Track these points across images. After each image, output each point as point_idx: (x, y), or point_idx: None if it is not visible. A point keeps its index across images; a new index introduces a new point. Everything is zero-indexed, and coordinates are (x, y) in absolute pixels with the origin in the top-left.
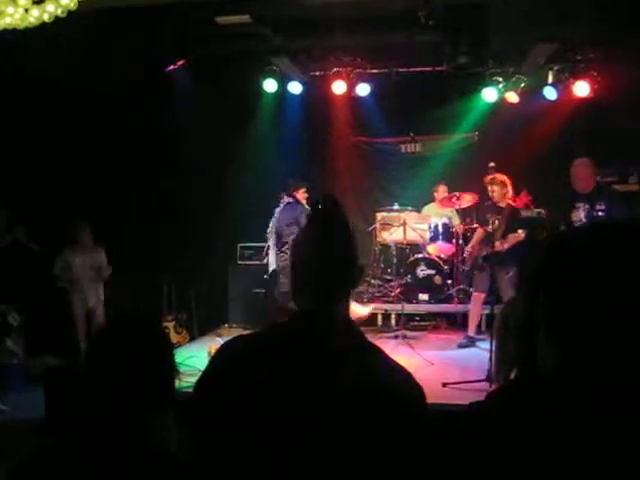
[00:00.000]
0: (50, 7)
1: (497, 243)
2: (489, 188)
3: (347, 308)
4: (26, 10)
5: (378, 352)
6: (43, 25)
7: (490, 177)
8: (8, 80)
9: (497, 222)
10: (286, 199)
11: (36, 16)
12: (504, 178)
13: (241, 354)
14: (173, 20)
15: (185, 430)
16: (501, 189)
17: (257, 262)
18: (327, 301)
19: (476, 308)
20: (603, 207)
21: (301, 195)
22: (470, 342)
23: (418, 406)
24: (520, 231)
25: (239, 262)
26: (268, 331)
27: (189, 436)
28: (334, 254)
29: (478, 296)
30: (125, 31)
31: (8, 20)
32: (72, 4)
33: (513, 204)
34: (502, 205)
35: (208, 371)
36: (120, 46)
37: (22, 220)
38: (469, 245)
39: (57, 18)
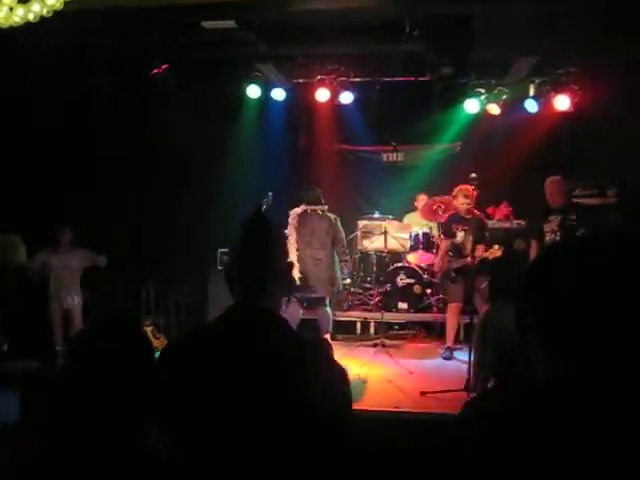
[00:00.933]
0: (36, 7)
1: (469, 259)
2: (457, 201)
3: (274, 300)
4: (11, 9)
5: (296, 339)
6: (29, 25)
7: (457, 189)
8: None
9: (464, 233)
10: (306, 207)
11: (21, 15)
12: (469, 189)
13: (181, 350)
14: (158, 23)
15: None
16: (465, 199)
17: None
18: (250, 296)
19: (453, 318)
20: (574, 217)
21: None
22: (451, 353)
23: (342, 391)
24: (496, 246)
25: (219, 267)
26: (207, 325)
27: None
28: (252, 258)
29: (454, 306)
30: (110, 33)
31: None
32: (58, 4)
33: (478, 214)
34: (467, 216)
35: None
36: (104, 48)
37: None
38: (437, 258)
39: (42, 18)
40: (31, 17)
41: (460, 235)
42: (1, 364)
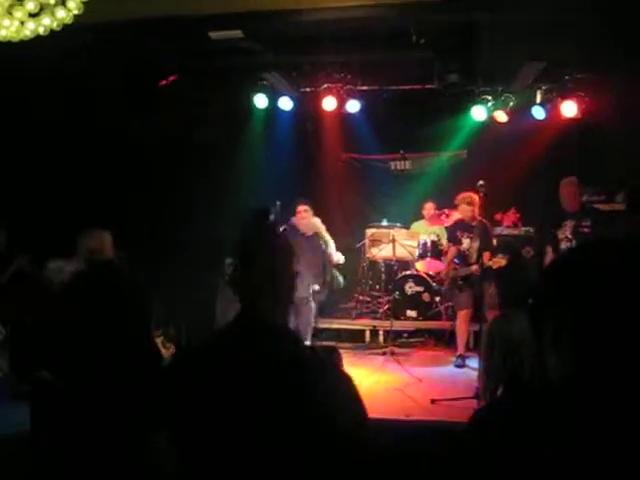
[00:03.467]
0: (46, 20)
1: (474, 267)
2: (460, 209)
3: (280, 308)
4: (22, 23)
5: (301, 346)
6: (39, 38)
7: (460, 197)
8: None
9: (469, 241)
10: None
11: (32, 29)
12: (472, 197)
13: (186, 362)
14: (165, 34)
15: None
16: (468, 207)
17: None
18: (251, 304)
19: (463, 326)
20: (588, 223)
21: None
22: (463, 361)
23: (349, 393)
24: (500, 255)
25: (226, 277)
26: (213, 335)
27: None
28: (253, 267)
29: (464, 314)
30: (117, 45)
31: (3, 32)
32: (68, 17)
33: (483, 220)
34: (472, 223)
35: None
36: (113, 59)
37: (18, 232)
38: (444, 264)
39: (52, 31)
40: (41, 30)
41: (466, 242)
42: (11, 376)
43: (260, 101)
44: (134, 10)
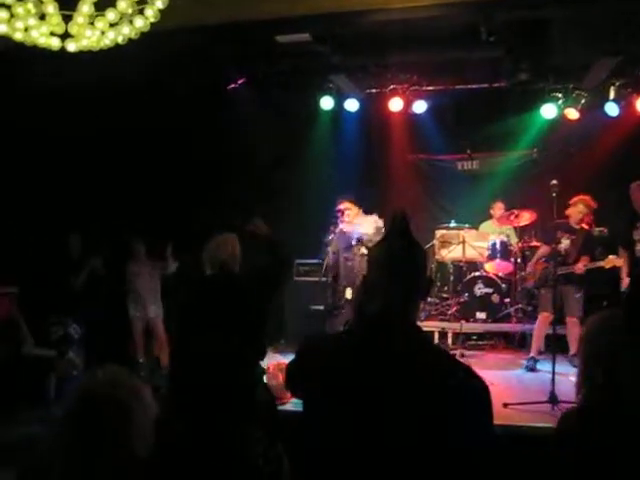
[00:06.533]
0: (125, 30)
1: (578, 266)
2: (575, 208)
3: (414, 313)
4: (102, 32)
5: (441, 353)
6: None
7: (578, 198)
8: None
9: (569, 242)
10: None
11: (111, 38)
12: (590, 201)
13: (322, 354)
14: (234, 38)
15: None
16: (587, 211)
17: (315, 278)
18: (390, 307)
19: (542, 328)
20: None
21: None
22: (534, 363)
23: (482, 400)
24: (612, 257)
25: (296, 278)
26: (343, 334)
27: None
28: (397, 267)
29: (545, 316)
30: (188, 50)
31: (85, 42)
32: (145, 26)
33: (587, 227)
34: (576, 227)
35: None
36: (183, 64)
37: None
38: (531, 262)
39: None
40: (120, 40)
41: (565, 243)
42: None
43: (326, 103)
44: (203, 16)
